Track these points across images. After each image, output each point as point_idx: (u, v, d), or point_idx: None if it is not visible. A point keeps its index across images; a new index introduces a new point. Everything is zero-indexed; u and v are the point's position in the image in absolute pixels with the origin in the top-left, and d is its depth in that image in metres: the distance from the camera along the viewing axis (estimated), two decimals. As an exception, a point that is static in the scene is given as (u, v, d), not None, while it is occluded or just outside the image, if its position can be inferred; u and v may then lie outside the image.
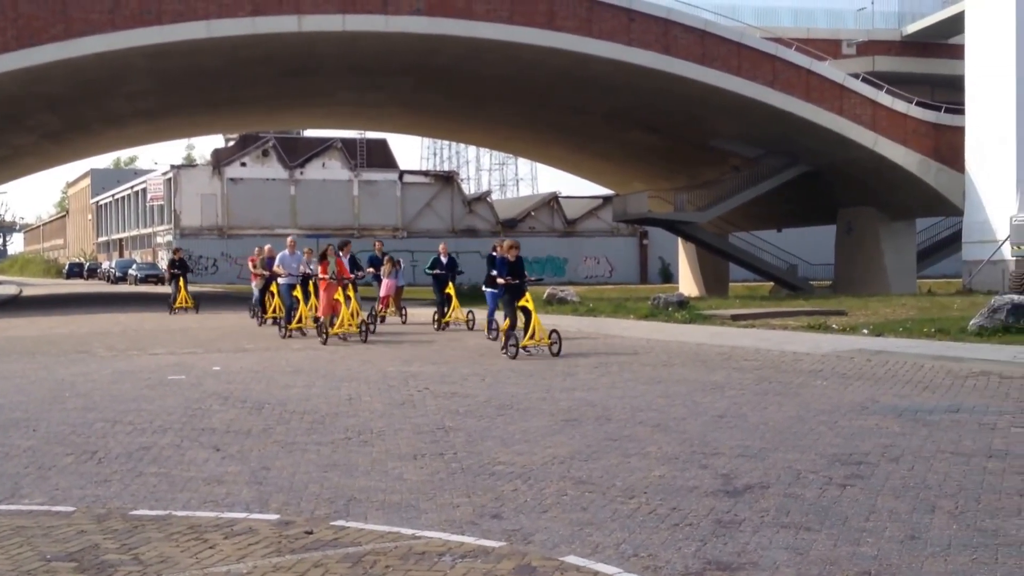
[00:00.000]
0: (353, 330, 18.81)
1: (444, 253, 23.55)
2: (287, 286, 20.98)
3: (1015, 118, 36.09)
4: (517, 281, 16.32)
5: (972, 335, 16.66)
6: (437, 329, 21.93)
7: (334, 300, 18.92)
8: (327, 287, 18.94)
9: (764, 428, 9.18)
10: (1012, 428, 8.94)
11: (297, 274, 20.81)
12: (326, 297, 18.96)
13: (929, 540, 5.58)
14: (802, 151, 43.43)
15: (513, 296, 16.31)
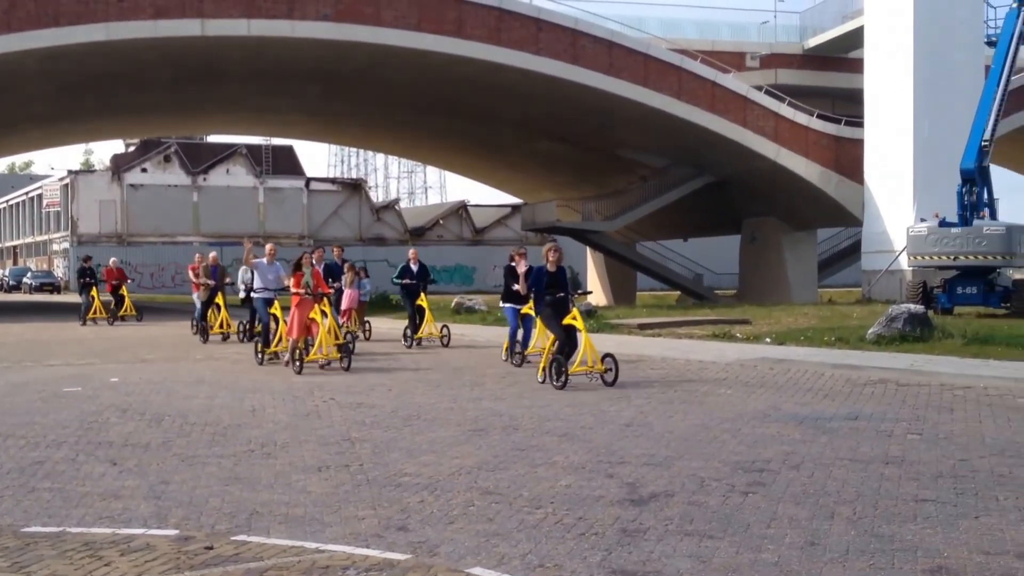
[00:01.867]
0: (334, 355, 15.50)
1: (415, 260, 20.67)
2: (264, 301, 17.49)
3: (912, 131, 37.18)
4: (562, 294, 13.65)
5: (871, 344, 17.07)
6: (409, 347, 19.42)
7: (309, 320, 15.66)
8: (300, 303, 15.60)
9: (669, 436, 9.26)
10: (908, 435, 9.16)
11: (275, 287, 17.63)
12: (300, 315, 15.52)
13: (828, 546, 5.68)
14: (708, 162, 44.12)
15: (557, 312, 13.57)
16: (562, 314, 13.46)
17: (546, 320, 13.77)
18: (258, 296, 17.65)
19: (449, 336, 19.81)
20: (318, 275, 16.26)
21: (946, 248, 25.83)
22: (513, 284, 16.08)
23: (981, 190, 26.94)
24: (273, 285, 17.46)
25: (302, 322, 15.56)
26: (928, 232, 26.43)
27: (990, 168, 27.93)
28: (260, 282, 17.57)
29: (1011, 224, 26.06)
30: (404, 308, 20.86)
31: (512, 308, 16.35)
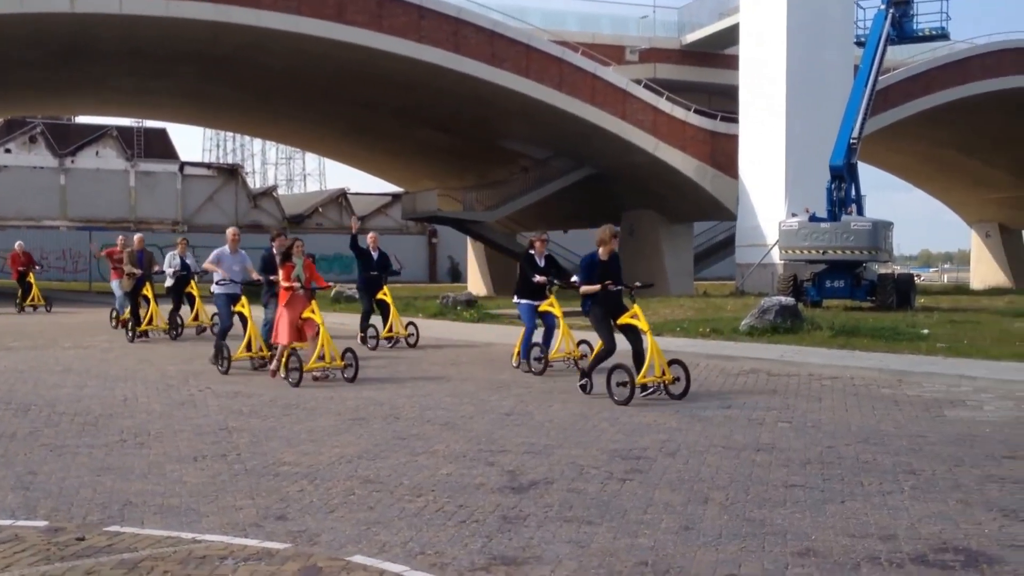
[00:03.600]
0: (337, 364, 12.60)
1: (375, 246, 17.78)
2: (226, 296, 14.73)
3: (784, 128, 38.24)
4: (618, 287, 11.27)
5: (744, 335, 17.52)
6: (373, 348, 16.78)
7: (301, 320, 12.91)
8: (291, 300, 12.88)
9: (549, 426, 9.35)
10: (779, 423, 9.45)
11: (241, 280, 14.83)
12: (290, 315, 12.84)
13: (702, 531, 5.82)
14: (588, 154, 44.57)
15: (609, 310, 11.27)
16: (616, 313, 11.27)
17: (596, 321, 11.28)
18: (220, 291, 14.69)
19: (417, 335, 17.47)
20: (311, 266, 13.35)
21: (816, 243, 26.63)
22: (533, 276, 13.84)
23: (849, 187, 27.85)
24: (239, 278, 14.72)
25: (293, 323, 12.85)
26: (799, 227, 27.21)
27: (858, 165, 28.90)
28: (221, 274, 14.72)
29: (877, 220, 27.01)
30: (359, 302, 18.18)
31: (528, 305, 14.00)
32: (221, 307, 14.86)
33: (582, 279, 11.25)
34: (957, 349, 14.92)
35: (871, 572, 5.04)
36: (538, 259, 14.01)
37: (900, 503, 6.38)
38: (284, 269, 13.01)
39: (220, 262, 14.79)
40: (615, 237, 11.41)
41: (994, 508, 6.22)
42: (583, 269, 11.30)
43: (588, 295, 11.19)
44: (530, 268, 13.97)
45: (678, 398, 10.83)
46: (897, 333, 16.91)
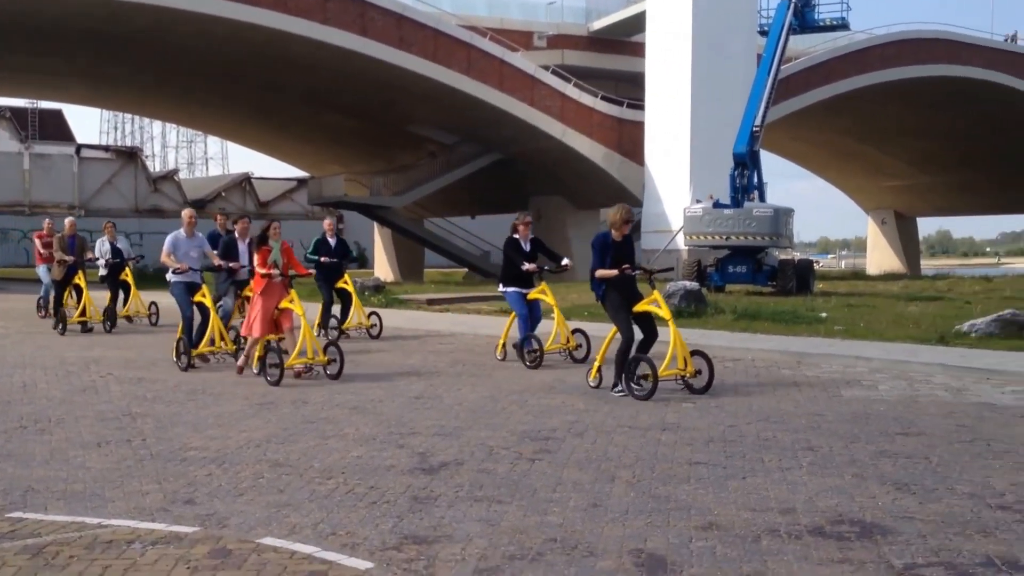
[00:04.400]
0: (321, 360, 11.49)
1: (331, 233, 16.52)
2: (185, 286, 13.11)
3: (689, 115, 38.79)
4: (635, 271, 10.40)
5: (648, 318, 17.78)
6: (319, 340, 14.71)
7: (277, 311, 11.80)
8: (267, 289, 11.73)
9: (459, 408, 9.42)
10: (683, 404, 9.65)
11: (199, 267, 13.32)
12: (265, 305, 11.70)
13: (609, 507, 5.95)
14: (496, 140, 44.65)
15: (627, 297, 10.36)
16: (632, 300, 10.41)
17: (614, 309, 10.33)
18: (177, 280, 13.10)
19: (380, 326, 16.41)
20: (290, 251, 12.14)
21: (719, 228, 27.13)
22: (522, 263, 12.89)
23: (752, 174, 28.43)
24: (196, 264, 13.27)
25: (268, 314, 11.69)
26: (703, 213, 27.69)
27: (760, 153, 29.49)
28: (177, 260, 13.09)
29: (778, 207, 27.61)
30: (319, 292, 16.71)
31: (517, 292, 13.04)
32: (179, 297, 13.10)
33: (595, 262, 10.32)
34: (853, 332, 15.38)
35: (771, 544, 5.20)
36: (523, 243, 13.10)
37: (799, 478, 6.59)
38: (259, 254, 11.80)
39: (176, 248, 13.12)
40: (628, 222, 10.43)
41: (887, 482, 6.47)
42: (596, 251, 10.38)
43: (602, 280, 10.30)
44: (516, 254, 13.03)
45: (700, 392, 10.08)
46: (797, 317, 17.36)
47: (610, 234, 10.41)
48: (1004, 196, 63.57)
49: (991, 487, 6.30)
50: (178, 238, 13.24)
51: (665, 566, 4.88)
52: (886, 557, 4.97)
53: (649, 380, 9.82)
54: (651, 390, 9.80)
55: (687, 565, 4.89)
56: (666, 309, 10.28)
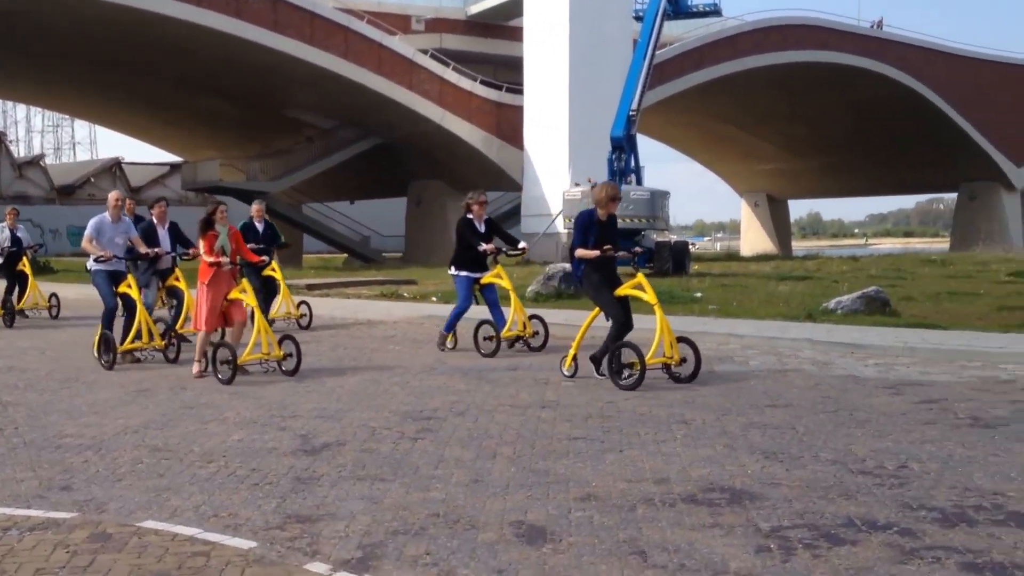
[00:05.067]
0: (276, 355, 10.46)
1: (259, 217, 15.18)
2: (107, 275, 11.83)
3: (567, 100, 39.20)
4: (618, 252, 9.86)
5: (530, 300, 18.00)
6: None
7: (227, 302, 10.78)
8: (215, 278, 10.69)
9: (340, 391, 9.43)
10: (563, 382, 9.84)
11: (124, 254, 11.97)
12: (213, 296, 10.69)
13: (491, 483, 6.07)
14: (375, 124, 44.43)
15: (608, 278, 9.85)
16: (613, 283, 9.89)
17: (595, 291, 9.83)
18: (99, 268, 11.80)
19: (311, 316, 15.51)
20: (238, 236, 11.16)
21: (598, 211, 27.54)
22: (479, 244, 12.09)
23: (629, 157, 28.93)
24: (122, 251, 11.93)
25: (217, 306, 10.67)
26: (582, 196, 28.05)
27: (637, 137, 30.02)
28: (101, 247, 11.74)
29: (655, 190, 28.19)
30: None
31: (467, 278, 12.36)
32: (102, 287, 11.88)
33: (577, 241, 9.79)
34: (727, 310, 15.85)
35: (646, 512, 5.39)
36: (478, 224, 12.26)
37: (673, 450, 6.82)
38: (205, 240, 10.74)
39: (100, 234, 11.80)
40: (615, 199, 9.90)
41: (756, 451, 6.74)
42: (578, 229, 9.80)
43: (583, 260, 9.79)
44: (472, 235, 12.17)
45: (685, 381, 9.51)
46: (673, 296, 17.78)
47: (595, 212, 9.82)
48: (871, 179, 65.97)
49: (853, 454, 6.62)
50: (102, 223, 11.89)
51: (545, 536, 5.02)
52: (754, 521, 5.20)
53: (636, 368, 9.23)
54: (638, 379, 9.16)
55: (566, 534, 5.03)
56: (652, 293, 9.60)
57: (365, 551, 4.83)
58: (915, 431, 7.27)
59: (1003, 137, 56.85)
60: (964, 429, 7.31)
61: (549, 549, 4.82)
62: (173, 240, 13.23)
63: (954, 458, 6.45)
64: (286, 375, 10.32)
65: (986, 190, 59.04)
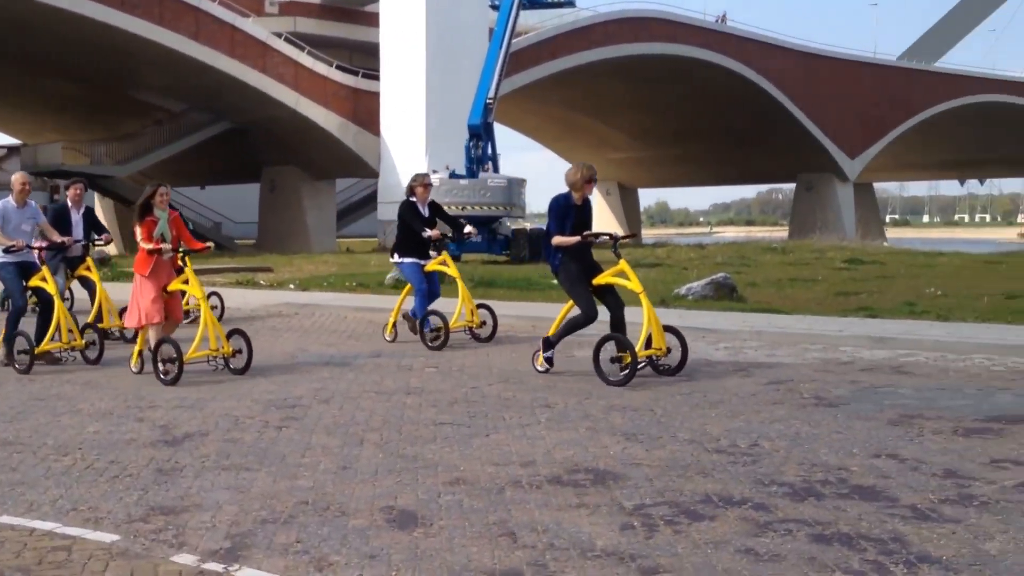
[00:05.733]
0: (226, 350, 9.54)
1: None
2: (15, 267, 10.52)
3: (424, 86, 39.13)
4: (593, 238, 9.26)
5: (390, 288, 18.00)
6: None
7: (167, 294, 9.82)
8: (155, 268, 9.72)
9: (200, 380, 9.26)
10: (426, 368, 9.90)
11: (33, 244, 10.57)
12: (153, 286, 9.70)
13: (359, 469, 6.08)
14: (227, 107, 43.46)
15: (585, 268, 9.28)
16: (592, 271, 9.30)
17: (570, 281, 9.21)
18: (6, 260, 10.45)
19: (223, 307, 14.16)
20: (180, 222, 10.08)
21: (456, 199, 27.64)
22: (423, 230, 11.44)
23: (486, 145, 29.12)
24: (30, 240, 10.56)
25: (160, 296, 9.69)
26: (439, 183, 28.07)
27: (494, 125, 30.22)
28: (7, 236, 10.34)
29: (512, 178, 28.45)
30: None
31: (415, 264, 11.66)
32: (11, 282, 10.54)
33: (554, 227, 9.15)
34: (520, 296, 16.11)
35: (514, 494, 5.50)
36: (421, 207, 11.62)
37: (538, 433, 6.96)
38: (143, 226, 9.73)
39: (6, 221, 10.42)
40: (591, 181, 9.27)
41: (617, 433, 6.94)
42: (554, 214, 9.18)
43: (560, 248, 9.15)
44: (415, 219, 11.52)
45: (670, 374, 9.12)
46: (531, 283, 18.02)
47: (570, 196, 9.22)
48: (716, 169, 67.95)
49: (708, 433, 6.88)
50: (7, 208, 10.48)
51: (416, 520, 5.07)
52: (618, 500, 5.37)
53: (625, 362, 8.71)
54: (630, 374, 8.63)
55: (436, 518, 5.10)
56: (636, 280, 9.09)
57: (233, 541, 4.80)
58: (765, 411, 7.60)
59: (837, 130, 59.28)
60: (809, 408, 7.67)
61: (420, 533, 4.88)
62: (87, 226, 12.43)
63: (801, 436, 6.77)
64: (234, 373, 9.45)
65: (822, 181, 61.50)
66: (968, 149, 73.99)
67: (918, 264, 23.00)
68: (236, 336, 9.63)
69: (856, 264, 22.56)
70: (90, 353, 10.39)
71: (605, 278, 9.19)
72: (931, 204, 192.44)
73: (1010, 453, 6.22)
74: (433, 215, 11.71)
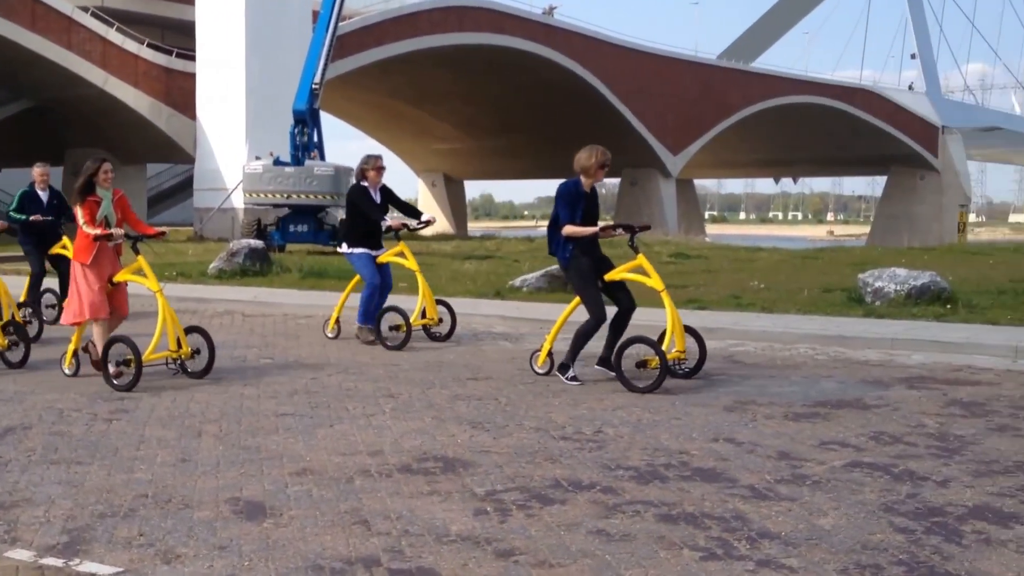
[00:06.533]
0: (184, 353, 8.45)
1: (43, 183, 12.27)
2: None
3: (244, 69, 37.99)
4: (617, 228, 8.53)
5: (213, 278, 17.47)
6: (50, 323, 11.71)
7: (111, 284, 8.73)
8: (97, 255, 8.66)
9: (16, 374, 8.90)
10: (261, 359, 9.68)
11: None
12: (97, 276, 8.63)
13: (199, 461, 5.89)
14: (28, 85, 41.25)
15: (596, 263, 8.42)
16: (603, 266, 8.46)
17: (582, 279, 8.32)
18: None
19: None
20: (125, 202, 9.05)
21: (281, 187, 27.08)
22: (380, 216, 10.54)
23: (312, 132, 28.60)
24: None
25: (104, 288, 8.62)
26: (263, 171, 27.48)
27: (320, 112, 29.72)
28: None
29: (339, 166, 28.05)
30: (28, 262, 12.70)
31: (366, 255, 10.68)
32: None
33: (565, 216, 8.25)
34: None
35: (364, 483, 5.43)
36: (373, 193, 10.66)
37: (383, 423, 6.89)
38: (85, 208, 8.68)
39: None
40: (604, 167, 8.47)
41: (464, 421, 6.94)
42: (565, 201, 8.27)
43: (571, 240, 8.26)
44: (369, 206, 10.54)
45: (686, 377, 8.46)
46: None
47: (580, 182, 8.41)
48: (541, 162, 68.67)
49: (553, 421, 6.96)
50: None
51: (264, 511, 4.95)
52: (469, 487, 5.37)
53: (652, 366, 8.03)
54: (659, 378, 7.90)
55: (286, 509, 4.99)
56: (657, 277, 8.34)
57: (71, 535, 4.58)
58: (606, 399, 7.75)
59: (661, 126, 60.96)
60: (648, 396, 7.86)
61: (271, 523, 4.77)
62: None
63: (643, 422, 6.93)
64: (191, 377, 8.51)
65: (646, 176, 63.10)
66: (782, 148, 77.25)
67: (740, 259, 23.83)
68: (194, 334, 8.67)
69: (682, 258, 23.23)
70: (12, 356, 9.16)
71: (619, 273, 8.42)
72: (747, 201, 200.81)
73: (837, 436, 6.54)
74: (385, 201, 10.73)
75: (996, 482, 5.44)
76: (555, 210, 8.34)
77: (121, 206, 8.87)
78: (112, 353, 8.12)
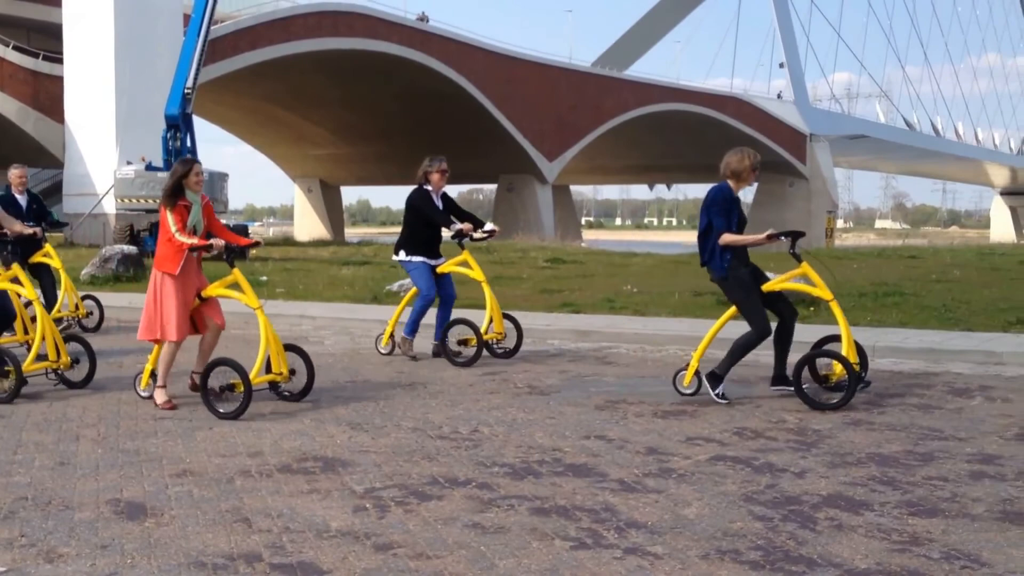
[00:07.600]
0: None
1: (20, 186, 11.66)
2: None
3: (113, 73, 37.16)
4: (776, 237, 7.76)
5: (86, 284, 17.15)
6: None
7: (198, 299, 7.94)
8: (185, 266, 7.76)
9: None
10: (138, 365, 9.59)
11: None
12: (185, 292, 7.82)
13: (79, 464, 5.91)
14: None
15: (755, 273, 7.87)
16: (759, 277, 7.82)
17: (745, 292, 7.71)
18: None
19: (101, 313, 12.45)
20: (211, 210, 8.11)
21: (154, 192, 26.60)
22: (448, 221, 9.84)
23: (185, 136, 28.16)
24: None
25: (189, 304, 7.82)
26: (135, 176, 26.98)
27: (193, 116, 29.28)
28: None
29: (213, 171, 27.70)
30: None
31: (425, 265, 9.86)
32: None
33: (721, 223, 7.64)
34: (295, 293, 16.09)
35: (245, 483, 5.54)
36: (435, 197, 9.92)
37: (263, 425, 6.99)
38: (175, 213, 7.68)
39: None
40: (756, 170, 7.77)
41: (343, 422, 7.09)
42: (719, 208, 7.66)
43: (728, 250, 7.66)
44: (433, 211, 9.76)
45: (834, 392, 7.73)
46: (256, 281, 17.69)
47: (730, 187, 7.74)
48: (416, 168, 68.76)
49: (431, 421, 7.16)
50: None
51: (145, 511, 5.03)
52: (349, 485, 5.53)
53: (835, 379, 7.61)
54: (849, 393, 7.44)
55: (167, 509, 5.07)
56: (824, 288, 7.84)
57: (-50, 540, 4.58)
58: (482, 400, 7.98)
59: (536, 133, 61.66)
60: (523, 396, 8.12)
61: (152, 523, 4.85)
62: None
63: (518, 422, 7.18)
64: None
65: (522, 182, 63.73)
66: (655, 155, 78.85)
67: (615, 264, 24.33)
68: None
69: (558, 263, 23.63)
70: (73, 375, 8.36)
71: (780, 283, 7.80)
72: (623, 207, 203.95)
73: (702, 431, 6.89)
74: (447, 209, 9.98)
75: (849, 473, 5.79)
76: (705, 219, 7.74)
77: (207, 213, 8.00)
78: (214, 375, 7.42)
